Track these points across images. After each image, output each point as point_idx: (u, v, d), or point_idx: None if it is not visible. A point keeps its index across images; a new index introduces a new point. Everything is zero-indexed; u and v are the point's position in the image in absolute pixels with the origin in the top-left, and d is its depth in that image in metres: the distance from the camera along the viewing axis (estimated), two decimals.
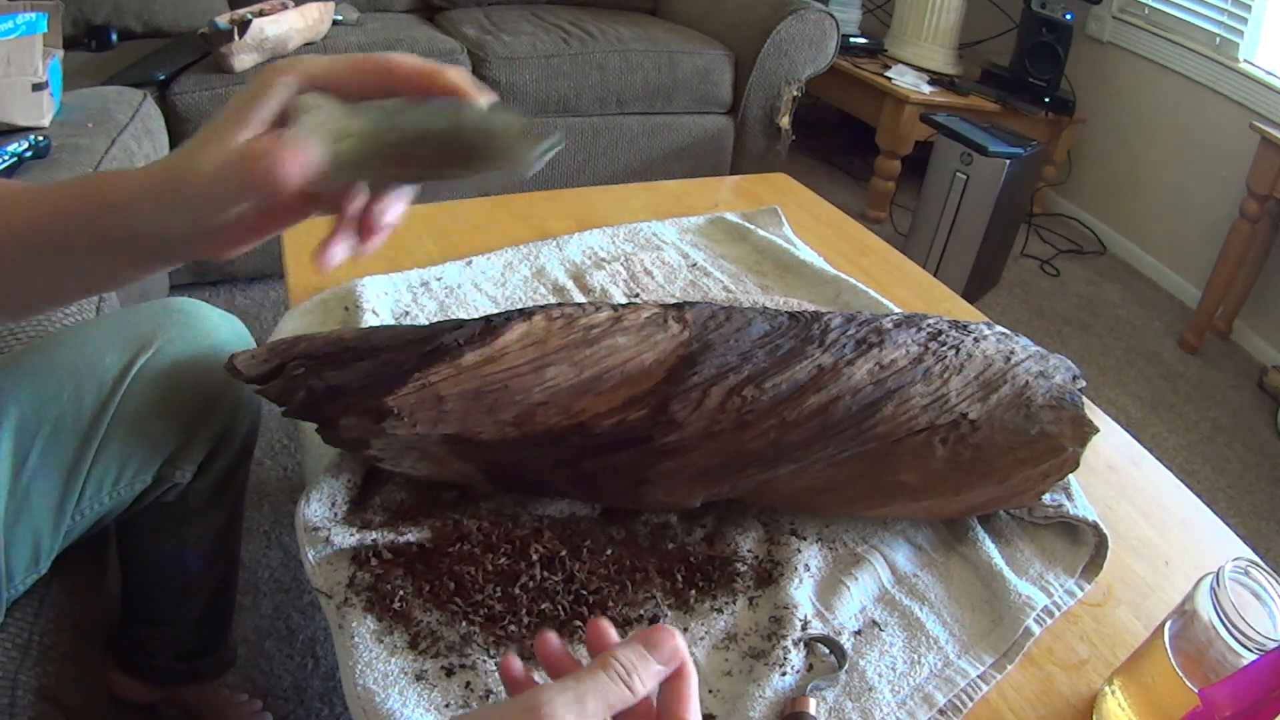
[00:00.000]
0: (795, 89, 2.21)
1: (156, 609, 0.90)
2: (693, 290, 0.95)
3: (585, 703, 0.33)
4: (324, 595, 0.56)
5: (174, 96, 1.65)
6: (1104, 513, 0.71)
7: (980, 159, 2.02)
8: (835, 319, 0.66)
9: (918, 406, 0.61)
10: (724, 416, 0.59)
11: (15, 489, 0.62)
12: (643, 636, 0.37)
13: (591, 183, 2.15)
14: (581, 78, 2.03)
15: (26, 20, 1.30)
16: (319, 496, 0.61)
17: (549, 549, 0.59)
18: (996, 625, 0.60)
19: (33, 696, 0.62)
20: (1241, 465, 1.87)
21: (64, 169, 1.21)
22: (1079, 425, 0.64)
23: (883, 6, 3.03)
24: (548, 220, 1.07)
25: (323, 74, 0.40)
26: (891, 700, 0.54)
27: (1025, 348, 0.67)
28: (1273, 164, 1.98)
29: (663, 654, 0.36)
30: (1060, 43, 2.48)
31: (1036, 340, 0.72)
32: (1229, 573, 0.50)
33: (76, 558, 0.71)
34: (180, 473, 0.73)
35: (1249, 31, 2.22)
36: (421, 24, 2.13)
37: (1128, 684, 0.54)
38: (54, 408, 0.64)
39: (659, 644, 0.36)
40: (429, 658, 0.53)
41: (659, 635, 0.37)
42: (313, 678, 1.12)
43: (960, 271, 2.14)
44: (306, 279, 0.88)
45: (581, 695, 0.33)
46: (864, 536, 0.66)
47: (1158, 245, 2.60)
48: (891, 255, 1.11)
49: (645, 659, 0.36)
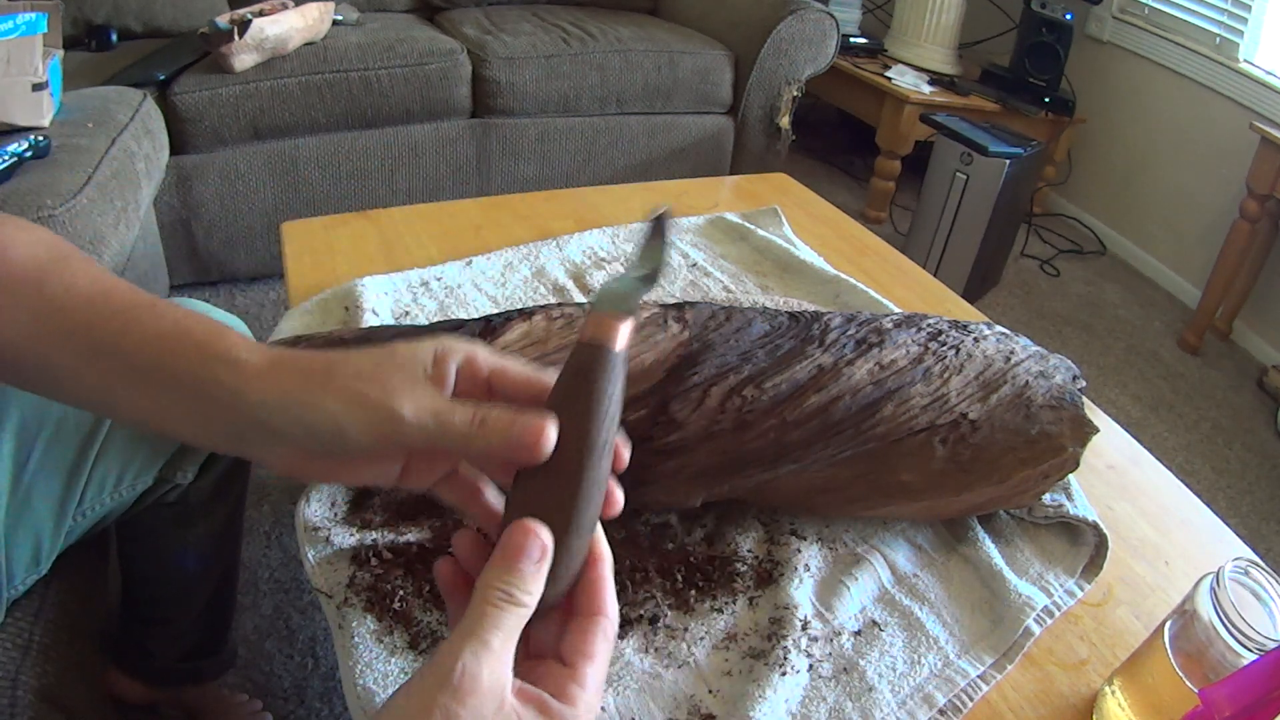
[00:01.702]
0: (795, 89, 2.21)
1: (157, 609, 0.90)
2: (693, 290, 0.95)
3: (489, 642, 0.32)
4: (324, 595, 0.56)
5: (174, 96, 1.65)
6: (1104, 513, 0.71)
7: (980, 159, 2.02)
8: (835, 319, 0.66)
9: (918, 406, 0.61)
10: (724, 416, 0.59)
11: (17, 490, 0.62)
12: (498, 547, 0.35)
13: (591, 183, 2.15)
14: (581, 78, 2.03)
15: (26, 20, 1.30)
16: (319, 496, 0.61)
17: None
18: (996, 625, 0.60)
19: (33, 696, 0.62)
20: (1241, 465, 1.87)
21: (64, 169, 1.21)
22: (1079, 425, 0.64)
23: (883, 6, 3.03)
24: (548, 220, 1.07)
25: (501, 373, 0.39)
26: (891, 700, 0.54)
27: (1025, 348, 0.67)
28: (1273, 164, 1.98)
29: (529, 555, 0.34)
30: (1060, 43, 2.48)
31: (1036, 340, 0.72)
32: (1229, 573, 0.50)
33: (77, 558, 0.71)
34: (181, 473, 0.73)
35: (1249, 31, 2.22)
36: (421, 24, 2.13)
37: (1128, 684, 0.54)
38: (56, 409, 0.64)
39: (517, 547, 0.34)
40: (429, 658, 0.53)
41: (512, 537, 0.34)
42: (313, 678, 1.12)
43: (960, 271, 2.14)
44: (306, 279, 0.88)
45: (483, 637, 0.32)
46: (864, 536, 0.66)
47: (1158, 245, 2.60)
48: (891, 255, 1.11)
49: (514, 569, 0.34)
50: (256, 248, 1.88)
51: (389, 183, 1.96)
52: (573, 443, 0.35)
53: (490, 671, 0.31)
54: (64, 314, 0.39)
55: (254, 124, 1.75)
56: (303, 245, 0.93)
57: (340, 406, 0.36)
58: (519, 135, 2.04)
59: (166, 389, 0.38)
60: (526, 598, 0.34)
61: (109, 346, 0.38)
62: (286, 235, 0.95)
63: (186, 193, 1.75)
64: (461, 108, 1.97)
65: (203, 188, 1.76)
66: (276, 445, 0.38)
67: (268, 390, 0.37)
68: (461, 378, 0.38)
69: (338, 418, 0.36)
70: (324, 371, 0.37)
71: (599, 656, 0.35)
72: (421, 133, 1.94)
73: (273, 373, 0.37)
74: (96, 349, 0.39)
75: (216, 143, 1.74)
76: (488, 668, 0.31)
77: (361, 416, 0.36)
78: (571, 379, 0.37)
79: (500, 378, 0.39)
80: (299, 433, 0.37)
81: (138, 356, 0.38)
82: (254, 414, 0.37)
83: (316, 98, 1.78)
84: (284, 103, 1.75)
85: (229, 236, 1.84)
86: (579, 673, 0.34)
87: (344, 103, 1.81)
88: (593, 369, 0.36)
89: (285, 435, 0.37)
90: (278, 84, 1.73)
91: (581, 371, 0.36)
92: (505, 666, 0.32)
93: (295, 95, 1.76)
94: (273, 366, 0.37)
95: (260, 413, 0.37)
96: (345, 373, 0.37)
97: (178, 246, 1.79)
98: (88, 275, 0.40)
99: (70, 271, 0.40)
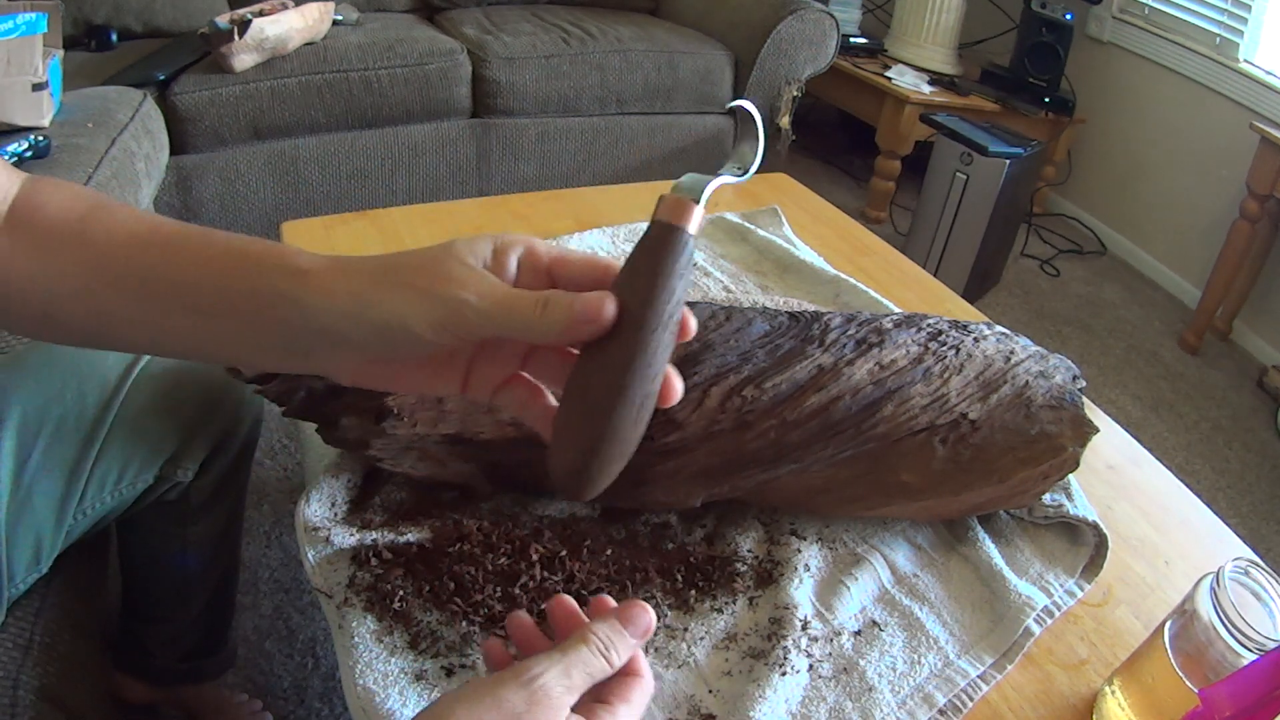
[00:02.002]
0: (795, 89, 2.21)
1: (157, 608, 0.90)
2: (693, 290, 0.95)
3: (571, 674, 0.37)
4: (324, 595, 0.56)
5: (174, 96, 1.65)
6: (1104, 513, 0.71)
7: (980, 159, 2.02)
8: (835, 319, 0.66)
9: (918, 406, 0.61)
10: (724, 416, 0.59)
11: (17, 488, 0.62)
12: (619, 612, 0.40)
13: (591, 183, 2.15)
14: (581, 78, 2.03)
15: (26, 20, 1.30)
16: (319, 496, 0.61)
17: (549, 549, 0.59)
18: (996, 625, 0.60)
19: (34, 696, 0.62)
20: (1241, 465, 1.87)
21: (64, 169, 1.21)
22: (1079, 425, 0.64)
23: (883, 6, 3.03)
24: (548, 220, 1.07)
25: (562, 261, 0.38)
26: (891, 700, 0.54)
27: (1025, 348, 0.67)
28: (1273, 164, 1.97)
29: (637, 629, 0.40)
30: (1060, 43, 2.48)
31: (1036, 340, 0.72)
32: (1229, 573, 0.50)
33: (77, 557, 0.71)
34: (182, 472, 0.73)
35: (1249, 31, 2.22)
36: (421, 24, 2.13)
37: (1128, 684, 0.54)
38: (57, 407, 0.64)
39: (634, 619, 0.40)
40: (429, 658, 0.53)
41: (634, 611, 0.40)
42: (313, 678, 1.12)
43: (960, 271, 2.14)
44: None
45: (568, 667, 0.37)
46: (864, 536, 0.66)
47: (1158, 245, 2.60)
48: (891, 255, 1.11)
49: (621, 634, 0.39)
50: None
51: (389, 183, 1.96)
52: (633, 316, 0.34)
53: (561, 693, 0.36)
54: (110, 258, 0.38)
55: (254, 124, 1.75)
56: (303, 245, 0.93)
57: (405, 301, 0.35)
58: (519, 135, 2.04)
59: (221, 310, 0.37)
60: (615, 659, 0.39)
61: (160, 278, 0.38)
62: (286, 235, 0.95)
63: (186, 193, 1.75)
64: (461, 108, 1.97)
65: (203, 188, 1.76)
66: (340, 352, 0.37)
67: (331, 293, 0.36)
68: (523, 269, 0.38)
69: (403, 313, 0.35)
70: (385, 270, 0.36)
71: (635, 704, 0.39)
72: (421, 133, 1.94)
73: (333, 275, 0.36)
74: (146, 284, 0.38)
75: (216, 143, 1.74)
76: (561, 687, 0.36)
77: (427, 309, 0.35)
78: (638, 255, 0.36)
79: (562, 266, 0.38)
80: (364, 335, 0.36)
81: (190, 282, 0.38)
82: (317, 320, 0.36)
83: (316, 98, 1.78)
84: (284, 103, 1.75)
85: None
86: (615, 710, 0.38)
87: (344, 103, 1.81)
88: (658, 245, 0.35)
89: (350, 339, 0.36)
90: (278, 84, 1.73)
91: (647, 248, 0.36)
92: (572, 698, 0.37)
93: (295, 95, 1.76)
94: (332, 270, 0.37)
95: (324, 318, 0.36)
96: (408, 267, 0.36)
97: None
98: (132, 217, 0.40)
99: (110, 216, 0.40)
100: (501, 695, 0.35)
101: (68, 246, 0.39)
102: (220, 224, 1.80)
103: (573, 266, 0.38)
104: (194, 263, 0.38)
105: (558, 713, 0.36)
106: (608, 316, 0.34)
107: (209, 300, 0.38)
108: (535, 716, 0.35)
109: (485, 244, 0.37)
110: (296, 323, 0.36)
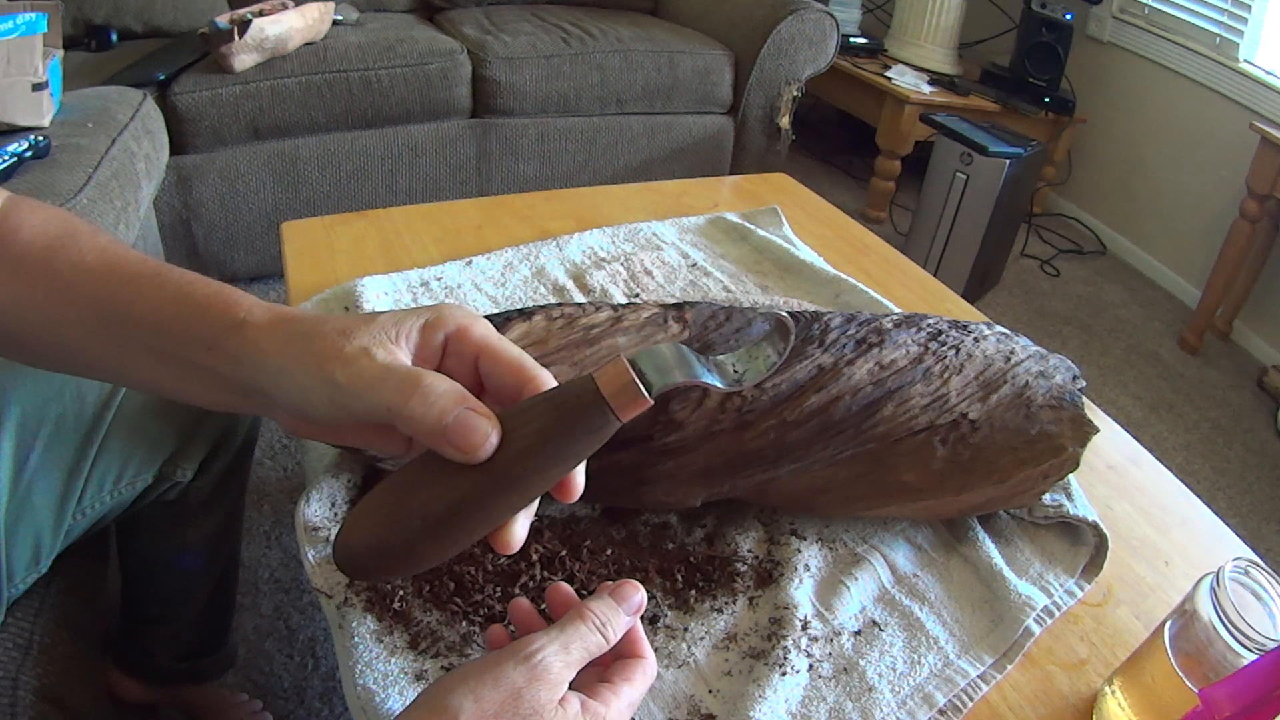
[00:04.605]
0: (795, 89, 2.21)
1: (157, 608, 0.90)
2: (693, 290, 0.95)
3: (570, 650, 0.38)
4: (324, 595, 0.56)
5: (174, 96, 1.65)
6: (1104, 513, 0.71)
7: (980, 159, 2.02)
8: (835, 319, 0.66)
9: (918, 406, 0.61)
10: (724, 416, 0.59)
11: (16, 488, 0.62)
12: (611, 589, 0.41)
13: (591, 183, 2.15)
14: (581, 78, 2.03)
15: (26, 20, 1.30)
16: (319, 496, 0.61)
17: (549, 549, 0.59)
18: (996, 625, 0.60)
19: (34, 696, 0.62)
20: (1241, 465, 1.87)
21: (64, 169, 1.21)
22: (1079, 425, 0.64)
23: (883, 6, 3.03)
24: (548, 220, 1.07)
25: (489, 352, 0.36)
26: (891, 700, 0.54)
27: (1025, 348, 0.67)
28: (1273, 164, 1.98)
29: (630, 605, 0.42)
30: (1060, 43, 2.48)
31: (1036, 340, 0.72)
32: (1229, 573, 0.50)
33: (77, 557, 0.71)
34: (181, 471, 0.73)
35: (1249, 31, 2.22)
36: (421, 24, 2.13)
37: (1128, 684, 0.54)
38: (55, 406, 0.64)
39: (627, 596, 0.42)
40: (429, 658, 0.53)
41: (626, 589, 0.42)
42: (313, 678, 1.12)
43: (960, 271, 2.14)
44: (306, 279, 0.88)
45: (566, 643, 0.38)
46: (864, 536, 0.66)
47: (1158, 245, 2.60)
48: (891, 255, 1.11)
49: (616, 611, 0.41)
50: (256, 248, 1.88)
51: (389, 183, 1.96)
52: (506, 462, 0.32)
53: (561, 668, 0.37)
54: (74, 291, 0.39)
55: (254, 124, 1.75)
56: (303, 245, 0.93)
57: (306, 374, 0.34)
58: (519, 135, 2.04)
59: (174, 357, 0.38)
60: (611, 635, 0.40)
61: (118, 318, 0.38)
62: (286, 235, 0.95)
63: (186, 193, 1.75)
64: (461, 108, 1.96)
65: (203, 188, 1.76)
66: (274, 409, 0.37)
67: (262, 351, 0.36)
68: (449, 352, 0.37)
69: (304, 386, 0.34)
70: (308, 335, 0.35)
71: (637, 684, 0.40)
72: (421, 133, 1.94)
73: (267, 333, 0.36)
74: (107, 322, 0.38)
75: (216, 143, 1.74)
76: (560, 662, 0.37)
77: (318, 385, 0.34)
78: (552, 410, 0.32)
79: (489, 358, 0.36)
80: (286, 398, 0.36)
81: (144, 326, 0.38)
82: (250, 377, 0.36)
83: (316, 98, 1.78)
84: (284, 103, 1.75)
85: (229, 236, 1.84)
86: (618, 688, 0.40)
87: (344, 103, 1.81)
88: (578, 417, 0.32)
89: (276, 400, 0.36)
90: (278, 84, 1.73)
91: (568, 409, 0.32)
92: (570, 673, 0.38)
93: (295, 95, 1.76)
94: (268, 326, 0.36)
95: (255, 377, 0.36)
96: (320, 336, 0.35)
97: (178, 246, 1.79)
98: (95, 249, 0.40)
99: (79, 248, 0.40)
100: (501, 671, 0.36)
101: (36, 276, 0.39)
102: (220, 224, 1.80)
103: (500, 363, 0.36)
104: (147, 302, 0.38)
105: (557, 687, 0.36)
106: (480, 457, 0.32)
107: (160, 341, 0.38)
108: (535, 690, 0.35)
109: (413, 320, 0.36)
110: (231, 375, 0.37)
